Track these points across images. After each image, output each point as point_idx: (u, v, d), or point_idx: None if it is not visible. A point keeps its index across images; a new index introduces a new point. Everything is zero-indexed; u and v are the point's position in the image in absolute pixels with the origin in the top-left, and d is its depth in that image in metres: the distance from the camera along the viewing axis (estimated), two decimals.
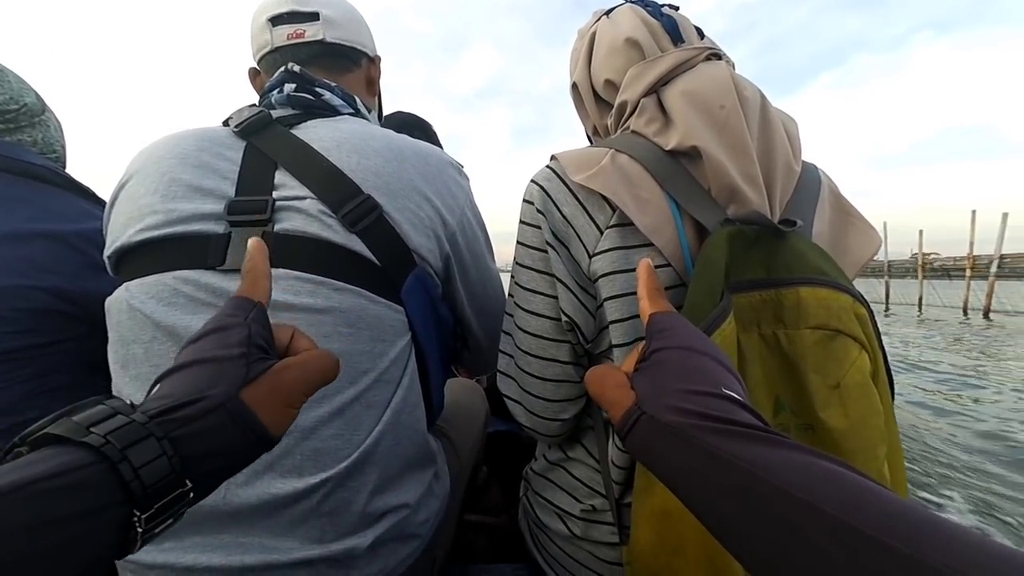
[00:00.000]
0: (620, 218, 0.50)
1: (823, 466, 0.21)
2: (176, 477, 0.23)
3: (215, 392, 0.25)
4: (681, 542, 0.42)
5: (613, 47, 0.58)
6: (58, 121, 0.82)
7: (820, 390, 0.43)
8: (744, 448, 0.23)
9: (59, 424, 0.22)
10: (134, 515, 0.22)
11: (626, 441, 0.28)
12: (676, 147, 0.49)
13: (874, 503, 0.19)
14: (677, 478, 0.26)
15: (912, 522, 0.18)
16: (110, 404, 0.24)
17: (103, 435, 0.22)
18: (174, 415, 0.24)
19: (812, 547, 0.19)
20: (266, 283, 0.34)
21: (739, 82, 0.51)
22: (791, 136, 0.53)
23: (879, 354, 0.45)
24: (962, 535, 0.17)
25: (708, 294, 0.43)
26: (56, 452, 0.21)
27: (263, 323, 0.30)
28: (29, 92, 0.76)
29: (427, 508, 0.59)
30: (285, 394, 0.27)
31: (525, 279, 0.56)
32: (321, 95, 0.60)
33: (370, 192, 0.52)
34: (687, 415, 0.25)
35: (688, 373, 0.27)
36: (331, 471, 0.48)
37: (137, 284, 0.49)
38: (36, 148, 0.76)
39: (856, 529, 0.18)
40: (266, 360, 0.28)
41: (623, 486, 0.53)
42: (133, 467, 0.21)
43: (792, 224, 0.45)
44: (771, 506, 0.21)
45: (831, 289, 0.44)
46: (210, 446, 0.24)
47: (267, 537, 0.47)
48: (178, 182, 0.51)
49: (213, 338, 0.28)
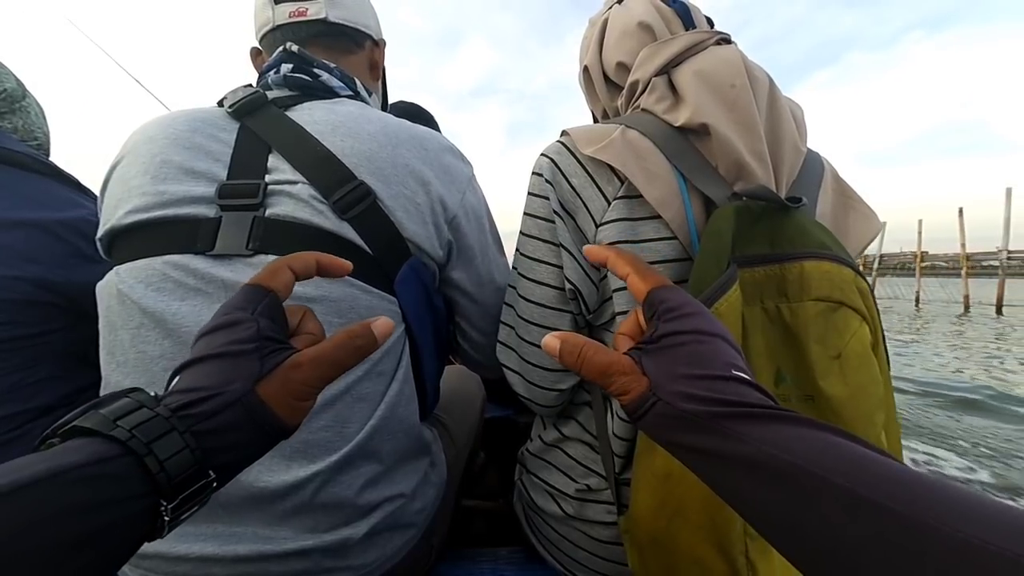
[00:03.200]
0: (628, 190, 0.51)
1: (829, 439, 0.22)
2: (200, 469, 0.24)
3: (232, 388, 0.26)
4: (681, 504, 0.42)
5: (626, 30, 0.59)
6: (40, 107, 0.81)
7: (821, 360, 0.44)
8: (757, 428, 0.24)
9: (87, 417, 0.23)
10: (161, 504, 0.23)
11: (639, 424, 0.28)
12: (685, 124, 0.50)
13: (876, 470, 0.20)
14: (691, 457, 0.26)
15: (912, 486, 0.19)
16: (135, 397, 0.25)
17: (129, 429, 0.23)
18: (194, 410, 0.25)
19: (822, 515, 0.20)
20: (286, 275, 0.33)
21: (749, 64, 0.53)
22: (797, 120, 0.54)
23: (879, 326, 0.46)
24: (958, 494, 0.18)
25: (715, 264, 0.44)
26: (88, 443, 0.22)
27: (272, 314, 0.30)
28: (8, 77, 0.74)
29: (423, 497, 0.59)
30: (295, 390, 0.27)
31: (530, 248, 0.57)
32: (319, 76, 0.59)
33: (364, 178, 0.51)
34: (702, 402, 0.25)
35: (700, 358, 0.27)
36: (322, 464, 0.48)
37: (127, 268, 0.48)
38: (17, 135, 0.74)
39: (861, 496, 0.19)
40: (279, 352, 0.28)
41: (624, 460, 0.53)
42: (159, 460, 0.22)
43: (798, 201, 0.46)
44: (784, 480, 0.22)
45: (834, 263, 0.45)
46: (230, 439, 0.25)
47: (260, 527, 0.47)
48: (169, 164, 0.50)
49: (224, 333, 0.28)
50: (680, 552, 0.42)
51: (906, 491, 0.19)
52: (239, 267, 0.47)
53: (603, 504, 0.56)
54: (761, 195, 0.46)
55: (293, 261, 0.33)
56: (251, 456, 0.27)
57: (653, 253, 0.50)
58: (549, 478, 0.62)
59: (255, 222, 0.48)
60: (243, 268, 0.47)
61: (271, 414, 0.26)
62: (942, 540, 0.17)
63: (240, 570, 0.46)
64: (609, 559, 0.57)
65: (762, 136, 0.50)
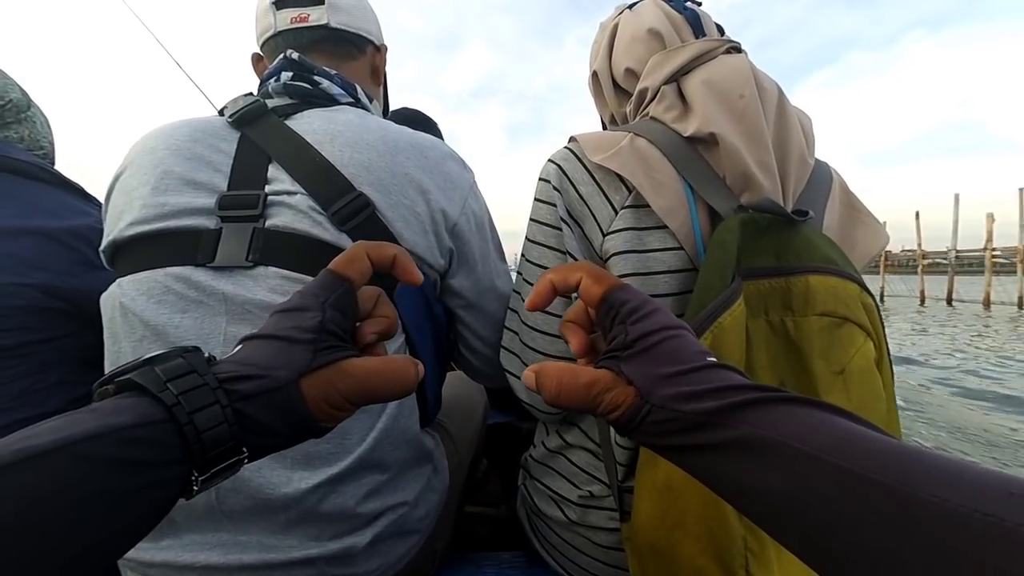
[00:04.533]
0: (635, 199, 0.51)
1: (817, 415, 0.23)
2: (235, 445, 0.24)
3: (279, 374, 0.26)
4: (682, 516, 0.42)
5: (635, 37, 0.59)
6: (45, 117, 0.82)
7: (824, 375, 0.44)
8: (755, 413, 0.23)
9: (143, 373, 0.24)
10: (192, 474, 0.23)
11: (635, 436, 0.27)
12: (694, 134, 0.50)
13: (864, 445, 0.20)
14: (691, 456, 0.26)
15: (901, 458, 0.19)
16: (189, 359, 0.25)
17: (177, 394, 0.23)
18: (239, 386, 0.25)
19: (815, 492, 0.20)
20: (364, 264, 0.32)
21: (758, 74, 0.52)
22: (806, 131, 0.54)
23: (884, 342, 0.46)
24: (944, 464, 0.19)
25: (720, 276, 0.44)
26: (138, 402, 0.23)
27: (342, 306, 0.30)
28: (14, 88, 0.75)
29: (426, 504, 0.59)
30: (334, 398, 0.27)
31: (536, 255, 0.57)
32: (319, 84, 0.58)
33: (362, 188, 0.50)
34: (696, 398, 0.25)
35: (677, 354, 0.27)
36: (323, 475, 0.48)
37: (129, 280, 0.49)
38: (23, 144, 0.75)
39: (851, 471, 0.20)
40: (334, 351, 0.28)
41: (627, 468, 0.53)
42: (197, 430, 0.23)
43: (805, 214, 0.46)
44: (775, 459, 0.22)
45: (840, 278, 0.45)
46: (264, 422, 0.25)
47: (265, 536, 0.47)
48: (170, 174, 0.50)
49: (291, 316, 0.28)
50: (680, 562, 0.42)
51: (895, 464, 0.19)
52: (239, 279, 0.47)
53: (605, 510, 0.57)
54: (767, 208, 0.46)
55: (372, 250, 0.33)
56: (280, 444, 0.27)
57: (659, 263, 0.50)
58: (552, 484, 0.62)
59: (255, 233, 0.48)
60: (243, 280, 0.47)
61: (306, 411, 0.26)
62: (930, 510, 0.17)
63: None
64: (611, 564, 0.57)
65: (770, 147, 0.50)
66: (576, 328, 0.34)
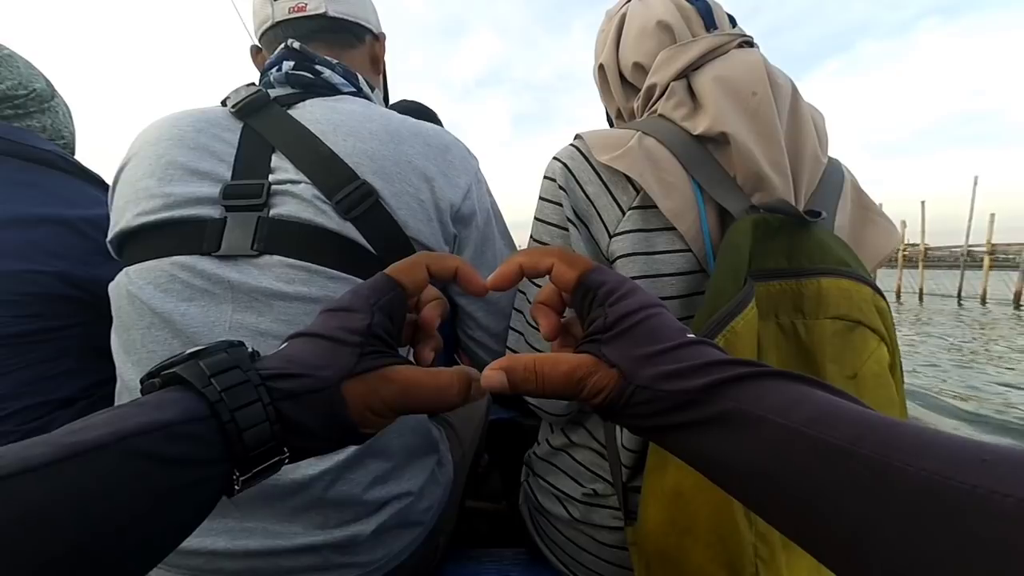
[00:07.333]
0: (643, 200, 0.49)
1: (798, 388, 0.22)
2: (276, 445, 0.24)
3: (323, 375, 0.25)
4: (692, 522, 0.42)
5: (644, 30, 0.57)
6: (67, 107, 0.82)
7: (836, 379, 0.43)
8: (742, 388, 0.23)
9: (188, 367, 0.23)
10: (234, 473, 0.23)
11: (620, 420, 0.27)
12: (704, 132, 0.49)
13: (844, 417, 0.20)
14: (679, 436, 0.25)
15: (878, 429, 0.19)
16: (233, 354, 0.24)
17: (220, 390, 0.23)
18: (282, 383, 0.24)
19: (795, 468, 0.20)
20: (421, 273, 0.31)
21: (771, 71, 0.51)
22: (819, 128, 0.53)
23: (897, 347, 0.45)
24: (921, 434, 0.19)
25: (732, 279, 0.43)
26: (183, 397, 0.22)
27: (392, 310, 0.29)
28: (38, 78, 0.75)
29: (431, 495, 0.59)
30: (375, 404, 0.26)
31: None
32: (321, 73, 0.58)
33: (366, 177, 0.51)
34: (682, 376, 0.24)
35: (659, 332, 0.26)
36: (330, 463, 0.48)
37: (136, 269, 0.49)
38: (45, 134, 0.76)
39: (830, 443, 0.20)
40: (380, 356, 0.27)
41: (632, 470, 0.53)
42: (239, 428, 0.22)
43: (817, 215, 0.45)
44: (757, 433, 0.22)
45: (853, 281, 0.44)
46: (304, 422, 0.25)
47: (271, 522, 0.48)
48: (174, 164, 0.50)
49: (340, 316, 0.28)
50: (690, 570, 0.42)
51: (872, 435, 0.19)
52: (245, 267, 0.48)
53: (609, 509, 0.57)
54: (780, 208, 0.45)
55: (434, 261, 0.32)
56: (320, 448, 0.26)
57: (667, 265, 0.49)
58: (556, 482, 0.62)
59: (260, 222, 0.48)
60: (249, 268, 0.48)
61: (346, 415, 0.26)
62: (907, 479, 0.17)
63: (250, 564, 0.47)
64: (613, 563, 0.57)
65: (782, 146, 0.48)
66: (547, 309, 0.33)
